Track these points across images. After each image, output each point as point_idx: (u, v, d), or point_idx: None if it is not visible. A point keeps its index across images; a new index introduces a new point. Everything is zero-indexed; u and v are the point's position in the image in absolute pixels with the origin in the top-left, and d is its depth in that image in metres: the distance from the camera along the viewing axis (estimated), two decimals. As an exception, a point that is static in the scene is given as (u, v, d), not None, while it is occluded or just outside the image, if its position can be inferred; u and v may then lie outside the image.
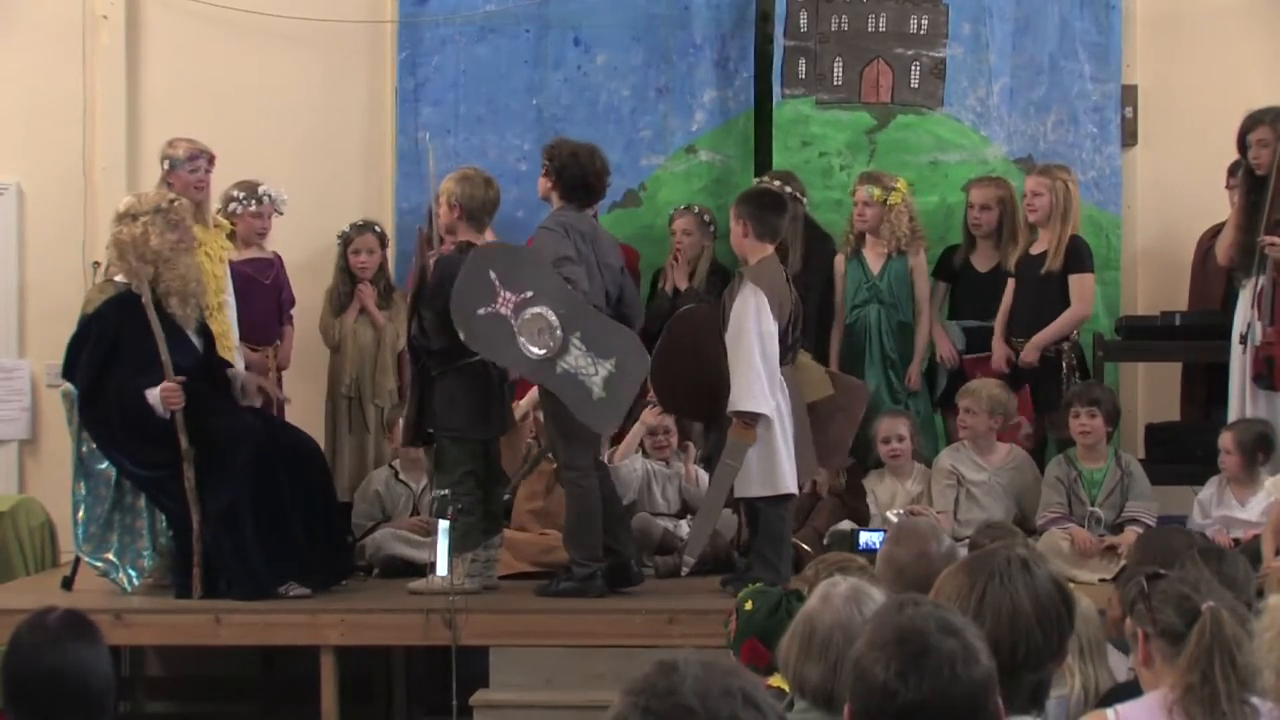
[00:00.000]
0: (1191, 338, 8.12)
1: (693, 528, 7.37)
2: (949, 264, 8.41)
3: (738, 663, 4.09)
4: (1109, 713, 3.55)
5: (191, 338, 7.15)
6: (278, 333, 8.24)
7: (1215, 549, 4.66)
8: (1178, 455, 8.01)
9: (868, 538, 7.39)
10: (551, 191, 7.17)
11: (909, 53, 8.77)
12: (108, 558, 7.00)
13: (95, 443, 7.00)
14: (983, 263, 8.32)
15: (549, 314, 6.81)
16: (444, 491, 6.97)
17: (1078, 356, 8.09)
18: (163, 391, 6.85)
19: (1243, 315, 7.58)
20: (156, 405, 6.86)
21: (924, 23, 8.75)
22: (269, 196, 8.12)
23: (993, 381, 7.92)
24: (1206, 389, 8.27)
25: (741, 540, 7.61)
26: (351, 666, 7.18)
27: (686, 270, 8.37)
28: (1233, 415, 7.58)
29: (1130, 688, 3.82)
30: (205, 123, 8.21)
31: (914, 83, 8.77)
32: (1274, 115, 7.50)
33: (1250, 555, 6.12)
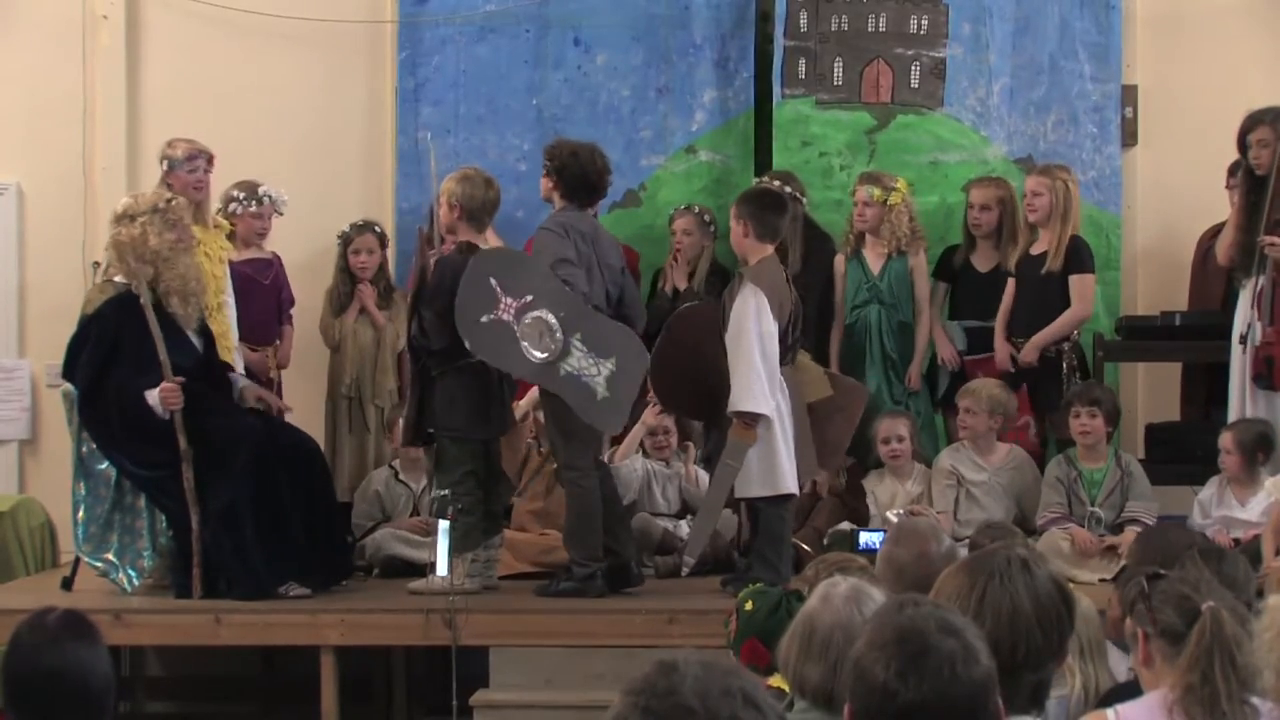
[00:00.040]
0: (1191, 338, 8.12)
1: (693, 528, 7.37)
2: (949, 264, 8.41)
3: (738, 663, 4.09)
4: (1109, 713, 3.55)
5: (191, 338, 7.15)
6: (277, 333, 8.25)
7: (1215, 549, 4.65)
8: (1178, 455, 8.01)
9: (867, 538, 7.39)
10: (553, 192, 7.17)
11: (909, 53, 8.77)
12: (108, 558, 7.00)
13: (95, 443, 7.00)
14: (983, 263, 8.32)
15: (549, 317, 6.82)
16: (444, 491, 6.97)
17: (1078, 356, 8.08)
18: (162, 392, 6.85)
19: (1243, 315, 7.57)
20: (156, 406, 6.86)
21: (924, 23, 8.75)
22: (269, 197, 8.12)
23: (993, 381, 7.92)
24: (1206, 389, 8.27)
25: (742, 540, 7.61)
26: (351, 666, 7.18)
27: (686, 270, 8.36)
28: (1233, 415, 7.58)
29: (1130, 688, 3.82)
30: (205, 123, 8.21)
31: (914, 83, 8.76)
32: (1274, 115, 7.50)
33: (1250, 555, 6.12)
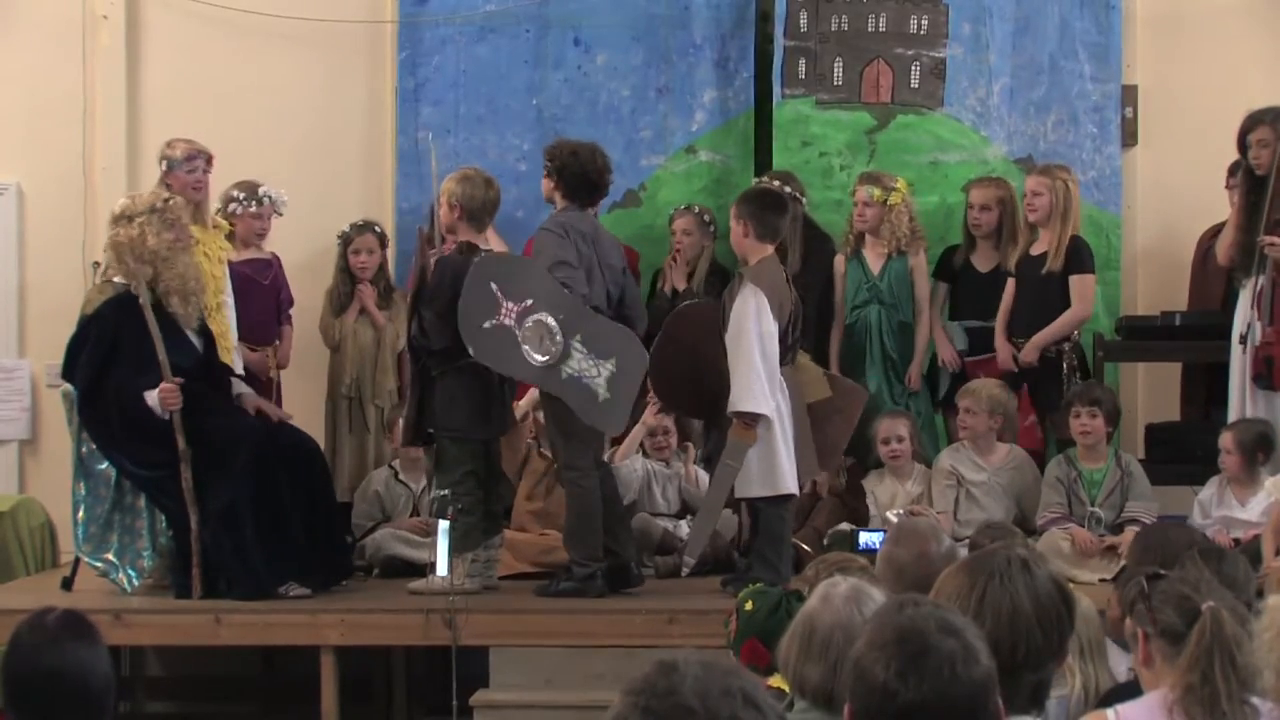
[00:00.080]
0: (1191, 338, 8.12)
1: (693, 528, 7.37)
2: (949, 264, 8.41)
3: (738, 663, 4.09)
4: (1109, 713, 3.54)
5: (191, 337, 7.14)
6: (277, 333, 8.25)
7: (1215, 549, 4.65)
8: (1178, 455, 8.01)
9: (867, 538, 7.39)
10: (555, 192, 7.17)
11: (909, 53, 8.77)
12: (108, 558, 7.00)
13: (95, 443, 7.00)
14: (983, 263, 8.32)
15: (549, 319, 6.82)
16: (444, 491, 6.97)
17: (1078, 356, 8.08)
18: (161, 393, 6.85)
19: (1243, 315, 7.57)
20: (155, 406, 6.86)
21: (924, 23, 8.75)
22: (269, 197, 8.12)
23: (993, 381, 7.92)
24: (1206, 389, 8.26)
25: (743, 540, 7.61)
26: (351, 666, 7.17)
27: (685, 271, 8.36)
28: (1233, 415, 7.58)
29: (1130, 688, 3.82)
30: (205, 123, 8.21)
31: (914, 83, 8.76)
32: (1274, 115, 7.49)
33: (1250, 555, 6.11)
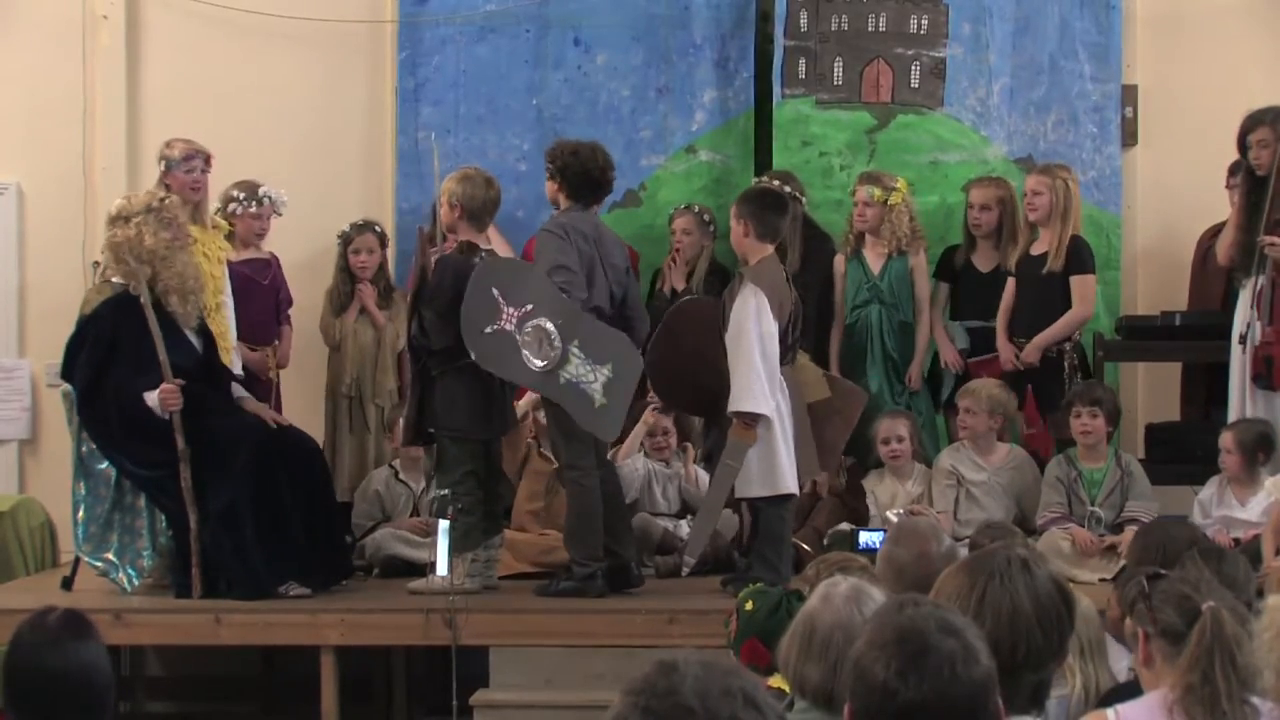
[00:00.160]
0: (1191, 338, 8.12)
1: (693, 528, 7.36)
2: (950, 264, 8.41)
3: (738, 663, 4.09)
4: (1109, 713, 3.54)
5: (190, 337, 7.14)
6: (276, 333, 8.25)
7: (1215, 549, 4.65)
8: (1178, 455, 8.01)
9: (867, 538, 7.39)
10: (558, 194, 7.17)
11: (909, 53, 8.77)
12: (108, 558, 7.00)
13: (95, 443, 6.99)
14: (984, 263, 8.31)
15: (547, 325, 6.82)
16: (444, 491, 6.97)
17: (1079, 356, 8.08)
18: (161, 393, 6.85)
19: (1242, 315, 7.57)
20: (155, 407, 6.86)
21: (924, 23, 8.75)
22: (269, 198, 8.11)
23: (993, 381, 7.92)
24: (1206, 389, 8.26)
25: (743, 540, 7.60)
26: (351, 666, 7.17)
27: (684, 271, 8.35)
28: (1232, 415, 7.58)
29: (1130, 688, 3.82)
30: (205, 123, 8.21)
31: (914, 83, 8.76)
32: (1274, 115, 7.49)
33: (1250, 555, 6.12)
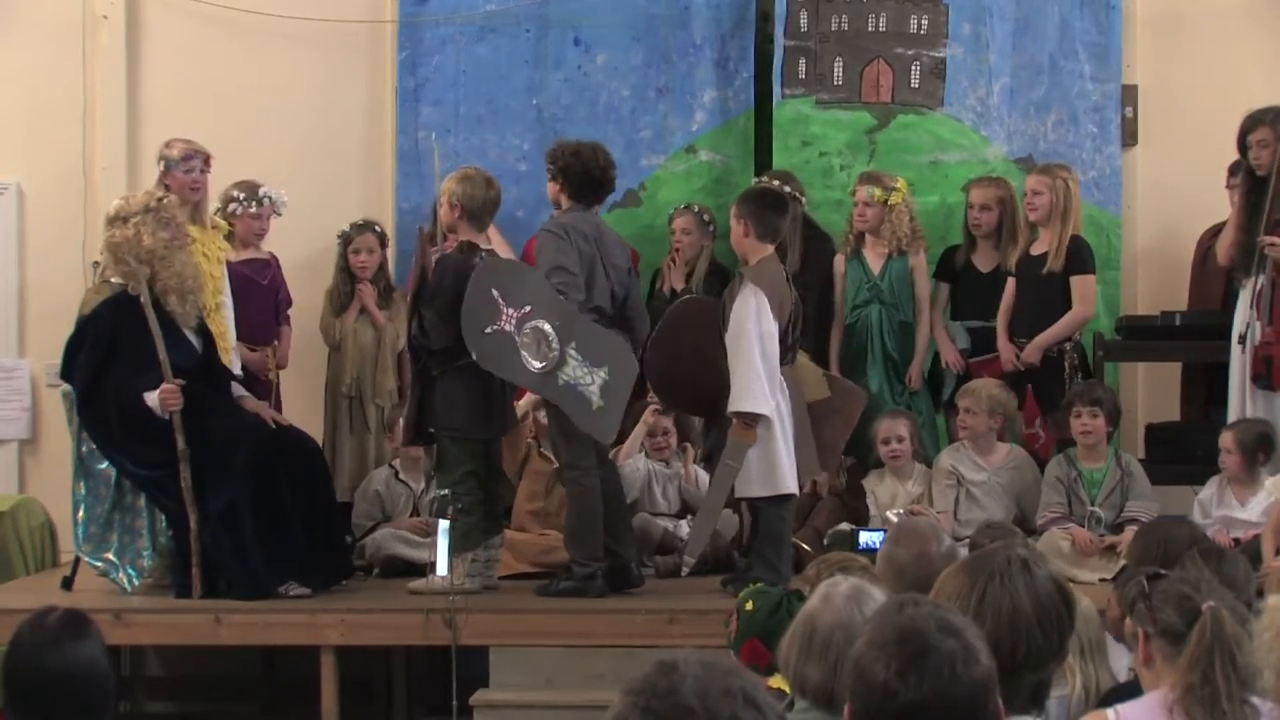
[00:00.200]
0: (1191, 338, 8.12)
1: (693, 528, 7.36)
2: (950, 265, 8.40)
3: (738, 663, 4.09)
4: (1109, 713, 3.55)
5: (190, 336, 7.14)
6: (275, 333, 8.25)
7: (1215, 549, 4.65)
8: (1178, 455, 8.01)
9: (867, 538, 7.39)
10: (560, 194, 7.17)
11: (909, 53, 8.76)
12: (108, 558, 7.00)
13: (95, 443, 6.99)
14: (984, 263, 8.31)
15: (545, 326, 6.82)
16: (444, 491, 6.97)
17: (1080, 356, 8.08)
18: (161, 394, 6.85)
19: (1242, 315, 7.57)
20: (155, 407, 6.86)
21: (924, 23, 8.75)
22: (269, 198, 8.11)
23: (993, 381, 7.92)
24: (1206, 389, 8.26)
25: (743, 540, 7.60)
26: (351, 666, 7.17)
27: (684, 271, 8.35)
28: (1232, 415, 7.58)
29: (1130, 688, 3.82)
30: (205, 123, 8.21)
31: (914, 83, 8.76)
32: (1274, 115, 7.49)
33: (1250, 555, 6.11)
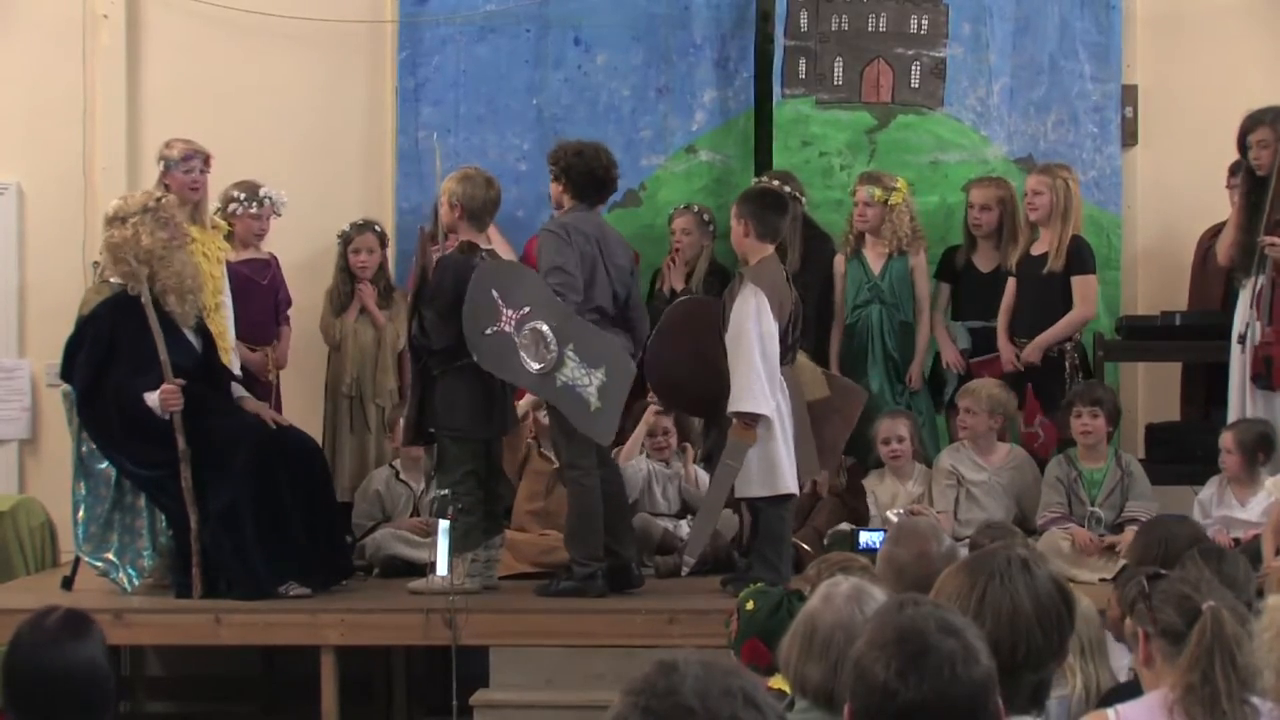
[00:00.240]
0: (1191, 338, 8.12)
1: (693, 528, 7.36)
2: (951, 265, 8.40)
3: (738, 663, 4.09)
4: (1109, 713, 3.55)
5: (189, 336, 7.14)
6: (275, 333, 8.25)
7: (1215, 549, 4.65)
8: (1178, 455, 8.01)
9: (867, 538, 7.39)
10: (563, 195, 7.17)
11: (909, 53, 8.76)
12: (108, 558, 7.00)
13: (95, 443, 6.99)
14: (985, 263, 8.31)
15: (544, 327, 6.83)
16: (444, 491, 6.97)
17: (1080, 356, 8.08)
18: (161, 394, 6.85)
19: (1242, 315, 7.57)
20: (155, 407, 6.86)
21: (924, 23, 8.75)
22: (269, 199, 8.11)
23: (993, 381, 7.91)
24: (1206, 389, 8.26)
25: (743, 540, 7.60)
26: (351, 666, 7.17)
27: (684, 271, 8.35)
28: (1232, 415, 7.58)
29: (1130, 688, 3.82)
30: (205, 123, 8.21)
31: (914, 83, 8.76)
32: (1274, 115, 7.49)
33: (1250, 555, 6.11)
